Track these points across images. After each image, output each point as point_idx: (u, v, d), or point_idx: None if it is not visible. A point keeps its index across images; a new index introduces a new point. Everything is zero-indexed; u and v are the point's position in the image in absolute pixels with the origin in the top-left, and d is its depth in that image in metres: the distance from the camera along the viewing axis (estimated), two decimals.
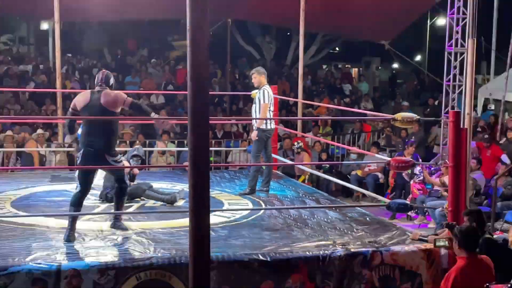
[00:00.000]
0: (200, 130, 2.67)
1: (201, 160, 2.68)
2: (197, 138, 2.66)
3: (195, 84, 2.62)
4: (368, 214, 7.61)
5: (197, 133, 2.66)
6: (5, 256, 5.47)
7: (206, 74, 2.63)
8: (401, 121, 6.80)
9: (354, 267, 5.91)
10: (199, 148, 2.67)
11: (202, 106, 2.66)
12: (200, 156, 2.68)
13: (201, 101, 2.66)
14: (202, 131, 2.67)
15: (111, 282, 5.38)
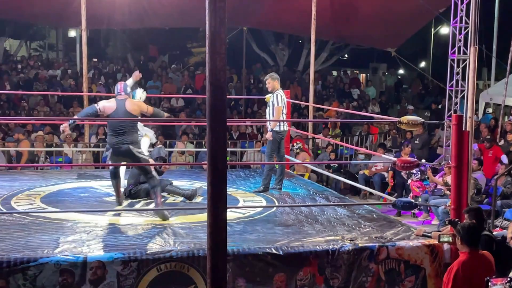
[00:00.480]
0: (218, 132, 2.68)
1: (218, 160, 2.69)
2: (215, 139, 2.67)
3: (213, 88, 2.63)
4: (375, 211, 7.60)
5: (215, 134, 2.66)
6: (35, 248, 5.51)
7: (223, 79, 2.64)
8: (407, 124, 6.79)
9: (361, 261, 5.90)
10: (217, 148, 2.68)
11: (219, 109, 2.67)
12: (218, 156, 2.69)
13: (219, 105, 2.67)
14: (219, 133, 2.68)
15: (134, 273, 5.40)
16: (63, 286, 5.24)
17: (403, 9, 15.93)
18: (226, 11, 2.63)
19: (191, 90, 19.99)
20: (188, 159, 12.94)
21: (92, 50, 14.57)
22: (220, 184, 2.72)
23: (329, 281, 5.85)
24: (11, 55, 24.16)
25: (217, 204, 2.72)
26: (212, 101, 2.64)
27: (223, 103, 2.67)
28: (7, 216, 6.69)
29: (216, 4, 2.55)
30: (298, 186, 9.17)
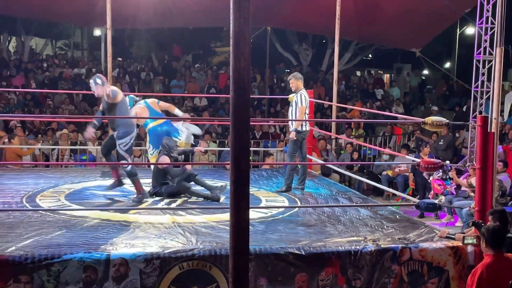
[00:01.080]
0: (241, 131, 2.68)
1: (242, 159, 2.69)
2: (238, 139, 2.67)
3: (237, 88, 2.63)
4: (398, 212, 7.56)
5: (238, 134, 2.67)
6: (60, 245, 5.56)
7: (247, 79, 2.64)
8: (431, 125, 6.74)
9: (384, 262, 5.87)
10: (240, 148, 2.68)
11: (243, 108, 2.67)
12: (241, 156, 2.69)
13: (243, 104, 2.67)
14: (243, 132, 2.68)
15: (156, 271, 5.43)
16: (86, 282, 5.28)
17: (428, 9, 15.82)
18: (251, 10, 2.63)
19: (214, 89, 20.05)
20: (211, 158, 12.97)
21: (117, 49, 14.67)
22: (243, 184, 2.72)
23: (351, 281, 5.83)
24: (37, 54, 24.40)
25: (240, 204, 2.72)
26: (236, 100, 2.64)
27: (247, 103, 2.67)
28: (32, 213, 6.76)
29: (241, 3, 2.56)
30: (321, 186, 9.15)
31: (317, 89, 18.61)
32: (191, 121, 9.20)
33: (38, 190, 8.09)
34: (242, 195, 2.72)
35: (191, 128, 8.64)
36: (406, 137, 16.01)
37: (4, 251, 5.30)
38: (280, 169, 10.75)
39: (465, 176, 10.30)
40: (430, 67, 23.66)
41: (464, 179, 10.22)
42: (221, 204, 7.64)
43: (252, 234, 4.73)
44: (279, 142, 13.99)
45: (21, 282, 5.17)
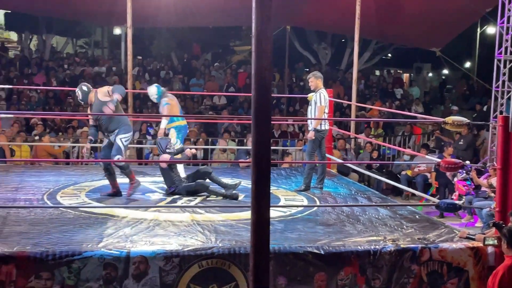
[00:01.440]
0: (263, 130, 2.68)
1: (263, 158, 2.69)
2: (259, 138, 2.67)
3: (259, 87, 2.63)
4: (417, 212, 7.52)
5: (259, 132, 2.66)
6: (80, 242, 5.60)
7: (269, 77, 2.64)
8: (452, 124, 6.70)
9: (403, 262, 5.85)
10: (261, 146, 2.68)
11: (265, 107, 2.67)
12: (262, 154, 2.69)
13: (264, 103, 2.67)
14: (264, 131, 2.68)
15: (176, 268, 5.44)
16: (106, 280, 5.32)
17: (449, 9, 15.71)
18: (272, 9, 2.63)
19: (233, 88, 20.07)
20: (230, 156, 12.99)
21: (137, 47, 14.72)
22: (264, 183, 2.72)
23: (370, 281, 5.81)
24: (58, 52, 24.58)
25: (260, 202, 2.72)
26: (257, 99, 2.64)
27: (268, 102, 2.67)
28: (53, 210, 6.82)
29: (263, 2, 2.56)
30: (340, 186, 9.13)
31: (336, 88, 18.55)
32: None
33: (59, 187, 8.15)
34: (263, 194, 2.72)
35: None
36: (425, 136, 15.92)
37: (26, 247, 5.35)
38: (299, 168, 10.74)
39: (486, 176, 10.22)
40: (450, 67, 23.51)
41: (485, 179, 10.15)
42: (240, 203, 7.65)
43: (271, 233, 4.70)
44: (298, 141, 13.97)
45: (42, 279, 5.21)
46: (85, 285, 5.29)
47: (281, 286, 5.62)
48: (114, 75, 20.15)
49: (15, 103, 16.62)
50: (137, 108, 16.78)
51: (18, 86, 16.33)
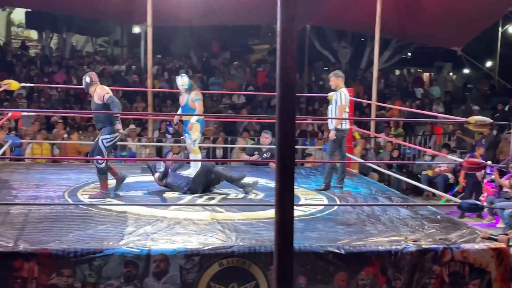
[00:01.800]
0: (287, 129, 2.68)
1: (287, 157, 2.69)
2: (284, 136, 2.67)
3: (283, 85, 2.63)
4: (439, 212, 7.47)
5: (284, 131, 2.66)
6: (101, 239, 5.63)
7: (294, 76, 2.63)
8: (474, 124, 6.65)
9: (425, 262, 5.82)
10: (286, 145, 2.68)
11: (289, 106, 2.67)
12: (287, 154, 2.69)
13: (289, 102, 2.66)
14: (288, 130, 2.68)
15: (196, 267, 5.46)
16: (127, 277, 5.34)
17: (471, 8, 15.61)
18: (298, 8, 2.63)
19: (252, 87, 20.08)
20: None
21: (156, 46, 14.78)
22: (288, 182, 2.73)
23: (391, 282, 5.78)
24: (78, 51, 24.74)
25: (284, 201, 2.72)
26: (282, 98, 2.64)
27: (292, 101, 2.66)
28: (74, 207, 6.87)
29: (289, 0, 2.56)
30: (360, 185, 9.10)
31: (355, 87, 18.46)
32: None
33: (79, 185, 8.21)
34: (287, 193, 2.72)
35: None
36: (446, 136, 15.83)
37: (48, 244, 5.39)
38: (319, 167, 10.72)
39: (508, 177, 10.14)
40: (471, 66, 23.36)
41: (507, 180, 10.07)
42: (260, 202, 7.65)
43: None
44: (318, 140, 13.95)
45: (63, 276, 5.25)
46: (106, 282, 5.33)
47: (301, 286, 5.61)
48: (133, 74, 20.25)
49: (36, 101, 16.76)
50: (156, 106, 16.85)
51: (38, 84, 16.45)
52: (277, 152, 2.68)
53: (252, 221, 6.63)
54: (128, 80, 19.76)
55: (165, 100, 18.03)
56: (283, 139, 2.65)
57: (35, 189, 7.87)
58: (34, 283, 5.21)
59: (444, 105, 19.90)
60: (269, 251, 5.54)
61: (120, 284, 5.35)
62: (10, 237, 5.57)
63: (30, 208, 6.73)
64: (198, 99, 8.86)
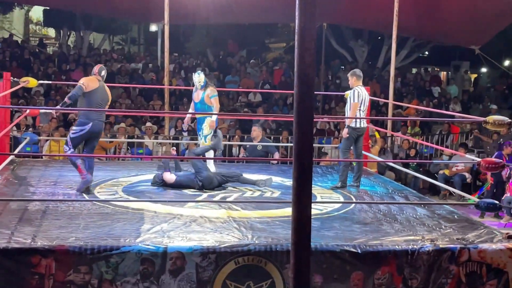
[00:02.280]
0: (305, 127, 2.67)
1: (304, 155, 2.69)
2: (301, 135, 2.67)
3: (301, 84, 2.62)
4: (456, 212, 7.42)
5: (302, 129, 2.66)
6: (118, 236, 5.65)
7: (312, 75, 2.63)
8: (493, 124, 6.59)
9: (442, 262, 5.78)
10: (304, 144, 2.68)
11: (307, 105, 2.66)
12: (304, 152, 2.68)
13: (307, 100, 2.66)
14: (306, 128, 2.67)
15: (212, 265, 5.46)
16: (143, 275, 5.36)
17: (489, 6, 15.50)
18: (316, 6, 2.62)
19: (268, 85, 20.07)
20: None
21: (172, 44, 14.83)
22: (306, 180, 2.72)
23: (408, 281, 5.76)
24: (95, 49, 24.86)
25: (301, 199, 2.71)
26: (300, 97, 2.63)
27: (311, 99, 2.66)
28: (91, 204, 6.90)
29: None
30: (377, 184, 9.06)
31: (372, 86, 18.42)
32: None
33: (96, 182, 8.24)
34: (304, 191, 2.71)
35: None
36: (463, 135, 15.74)
37: (65, 241, 5.42)
38: (335, 166, 10.69)
39: None
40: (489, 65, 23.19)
41: None
42: (276, 200, 7.65)
43: None
44: (334, 139, 13.92)
45: (80, 272, 5.27)
46: (123, 279, 5.35)
47: (317, 284, 5.60)
48: (150, 72, 20.32)
49: (53, 99, 16.86)
50: (173, 104, 16.90)
51: (56, 82, 16.56)
52: (295, 150, 2.68)
53: (268, 219, 6.62)
54: (144, 78, 19.84)
55: (182, 98, 18.07)
56: (301, 136, 2.64)
57: (53, 186, 7.91)
58: (51, 280, 5.24)
59: (462, 104, 19.78)
60: (285, 249, 5.53)
61: (136, 281, 5.36)
62: (28, 233, 5.61)
63: (48, 204, 6.77)
64: (214, 95, 8.87)
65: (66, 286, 5.26)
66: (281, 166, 10.44)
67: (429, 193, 12.19)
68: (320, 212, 7.08)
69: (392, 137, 13.98)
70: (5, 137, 9.40)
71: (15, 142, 11.45)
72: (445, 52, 25.97)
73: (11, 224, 5.92)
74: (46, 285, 5.24)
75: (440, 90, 21.43)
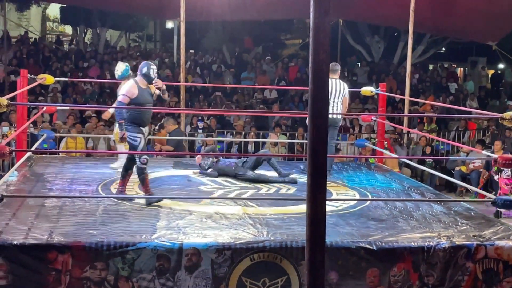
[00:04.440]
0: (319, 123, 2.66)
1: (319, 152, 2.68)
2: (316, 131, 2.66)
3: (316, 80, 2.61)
4: (472, 209, 7.38)
5: (316, 126, 2.65)
6: (134, 233, 5.67)
7: (326, 71, 2.62)
8: (510, 120, 6.53)
9: (458, 259, 5.75)
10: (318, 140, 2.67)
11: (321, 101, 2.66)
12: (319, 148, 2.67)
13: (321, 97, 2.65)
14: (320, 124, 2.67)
15: (227, 261, 5.47)
16: (159, 271, 5.38)
17: (506, 2, 15.37)
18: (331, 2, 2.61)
19: (284, 82, 20.05)
20: (281, 150, 12.99)
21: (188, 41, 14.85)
22: (320, 176, 2.71)
23: (424, 278, 5.73)
24: (111, 46, 24.97)
25: (316, 195, 2.71)
26: (314, 93, 2.62)
27: (325, 95, 2.65)
28: (107, 201, 6.93)
29: None
30: (393, 181, 9.02)
31: (388, 82, 18.33)
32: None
33: (112, 178, 8.28)
34: (319, 187, 2.71)
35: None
36: (480, 132, 15.64)
37: (81, 237, 5.45)
38: (350, 162, 10.67)
39: None
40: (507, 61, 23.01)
41: None
42: (292, 196, 7.65)
43: None
44: (350, 136, 13.89)
45: (97, 269, 5.30)
46: (139, 276, 5.37)
47: (332, 281, 5.59)
48: (166, 68, 20.37)
49: (70, 96, 16.95)
50: (188, 101, 16.93)
51: (73, 78, 16.65)
52: (309, 147, 2.67)
53: (284, 216, 6.62)
54: (160, 74, 19.87)
55: (197, 95, 18.10)
56: (315, 133, 2.63)
57: (69, 183, 7.96)
58: (68, 276, 5.27)
59: (478, 100, 19.64)
60: (300, 246, 5.52)
61: (152, 278, 5.38)
62: (45, 229, 5.65)
63: (65, 201, 6.81)
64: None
65: (83, 282, 5.30)
66: (297, 163, 10.42)
67: (445, 190, 12.12)
68: (335, 208, 7.07)
69: (409, 133, 13.91)
70: (22, 134, 9.47)
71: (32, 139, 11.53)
72: (462, 48, 25.82)
73: (28, 220, 5.96)
74: (63, 281, 5.27)
75: (457, 86, 21.31)
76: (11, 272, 5.20)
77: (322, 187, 2.68)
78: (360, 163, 10.81)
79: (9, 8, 24.30)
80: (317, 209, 2.67)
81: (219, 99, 17.61)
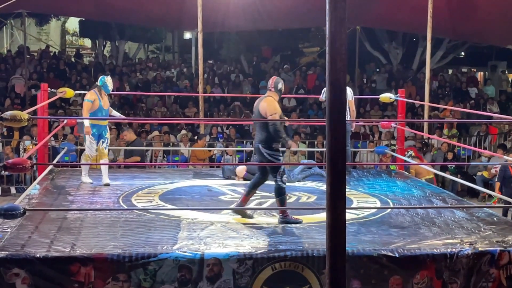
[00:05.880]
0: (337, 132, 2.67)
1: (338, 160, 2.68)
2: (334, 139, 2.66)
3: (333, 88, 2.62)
4: (495, 214, 7.31)
5: (334, 134, 2.65)
6: (155, 244, 5.69)
7: (343, 79, 2.62)
8: None
9: (481, 265, 5.69)
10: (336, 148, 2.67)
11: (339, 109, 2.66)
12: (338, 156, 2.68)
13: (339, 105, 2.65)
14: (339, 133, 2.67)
15: (249, 271, 5.47)
16: (181, 282, 5.39)
17: None
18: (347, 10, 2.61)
19: (303, 90, 20.04)
20: (301, 158, 12.98)
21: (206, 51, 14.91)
22: (340, 185, 2.71)
23: (447, 285, 5.68)
24: (130, 58, 25.15)
25: (336, 204, 2.71)
26: (332, 101, 2.63)
27: (342, 104, 2.65)
28: (128, 212, 6.96)
29: (337, 3, 2.54)
30: (414, 188, 8.97)
31: (407, 88, 18.26)
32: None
33: (133, 190, 8.32)
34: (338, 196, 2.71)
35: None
36: (502, 136, 15.50)
37: (103, 249, 5.48)
38: (371, 169, 10.63)
39: None
40: None
41: None
42: (312, 205, 7.63)
43: None
44: (369, 143, 13.84)
45: (119, 280, 5.32)
46: (161, 287, 5.38)
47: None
48: (185, 79, 20.47)
49: None
50: (208, 111, 16.99)
51: None
52: (328, 155, 2.67)
53: (305, 224, 6.61)
54: (179, 85, 19.99)
55: (217, 105, 18.15)
56: (334, 141, 2.64)
57: (91, 195, 8.02)
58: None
59: (499, 104, 19.48)
60: (322, 254, 5.51)
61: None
62: (67, 242, 5.70)
63: (86, 213, 6.86)
64: (87, 99, 8.67)
65: None
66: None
67: (467, 196, 12.02)
68: (356, 216, 7.04)
69: (429, 139, 13.83)
70: (44, 148, 9.55)
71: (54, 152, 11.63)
72: (482, 52, 25.62)
73: (51, 233, 6.02)
74: None
75: (477, 91, 21.15)
76: (34, 285, 5.24)
77: (341, 195, 2.68)
78: (381, 170, 10.76)
79: (28, 23, 24.56)
80: (337, 218, 2.67)
81: (238, 109, 17.65)
